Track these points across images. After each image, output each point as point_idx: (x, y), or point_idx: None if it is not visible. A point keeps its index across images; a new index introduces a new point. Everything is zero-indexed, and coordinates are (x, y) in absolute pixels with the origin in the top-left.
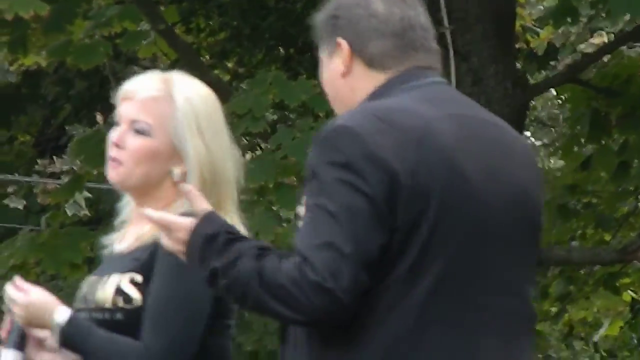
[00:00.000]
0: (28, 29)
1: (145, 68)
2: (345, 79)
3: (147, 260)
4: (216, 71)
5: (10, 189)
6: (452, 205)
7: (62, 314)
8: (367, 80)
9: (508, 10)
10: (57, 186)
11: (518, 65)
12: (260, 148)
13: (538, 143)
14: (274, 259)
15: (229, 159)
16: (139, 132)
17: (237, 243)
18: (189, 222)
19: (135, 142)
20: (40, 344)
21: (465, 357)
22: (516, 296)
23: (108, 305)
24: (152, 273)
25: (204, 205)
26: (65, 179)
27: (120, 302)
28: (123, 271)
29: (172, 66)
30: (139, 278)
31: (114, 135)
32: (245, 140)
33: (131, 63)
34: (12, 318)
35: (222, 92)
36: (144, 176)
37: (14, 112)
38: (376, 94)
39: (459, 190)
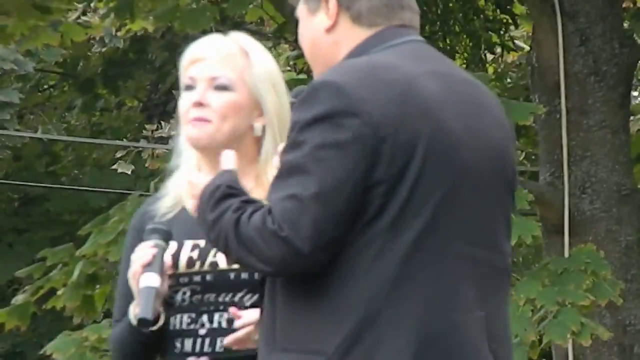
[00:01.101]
0: None
1: (252, 32)
2: (329, 34)
3: None
4: None
5: (118, 154)
6: (435, 160)
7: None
8: (352, 36)
9: None
10: (166, 150)
11: (625, 24)
12: None
13: None
14: (249, 211)
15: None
16: (222, 87)
17: (230, 198)
18: (205, 179)
19: (220, 98)
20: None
21: (444, 305)
22: (495, 250)
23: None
24: None
25: (230, 165)
26: (173, 144)
27: None
28: None
29: (278, 30)
30: None
31: (194, 95)
32: None
33: (237, 27)
34: (158, 247)
35: None
36: (231, 132)
37: (122, 78)
38: (357, 52)
39: (441, 145)
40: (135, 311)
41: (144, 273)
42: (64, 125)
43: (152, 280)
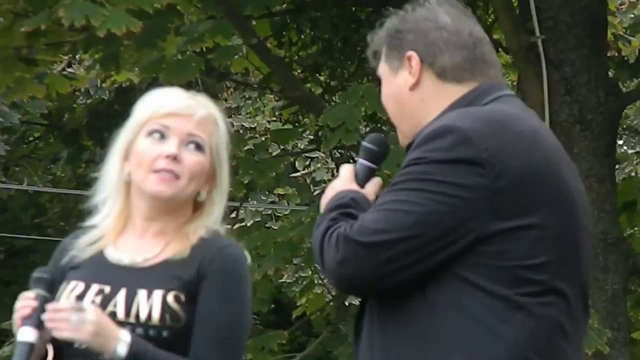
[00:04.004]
0: (120, 46)
1: (237, 83)
2: (413, 92)
3: (191, 281)
4: (308, 85)
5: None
6: (557, 214)
7: (125, 333)
8: (439, 93)
9: (599, 19)
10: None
11: (610, 73)
12: (354, 161)
13: (630, 152)
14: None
15: None
16: (197, 147)
17: (340, 208)
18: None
19: (193, 158)
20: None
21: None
22: (586, 306)
23: (155, 322)
24: (198, 292)
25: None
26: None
27: (168, 321)
28: (164, 287)
29: (264, 80)
30: (182, 297)
31: (168, 147)
32: (338, 153)
33: (223, 78)
34: (39, 298)
35: (315, 105)
36: (191, 193)
37: (107, 129)
38: (466, 102)
39: (563, 200)
40: None
41: (22, 326)
42: (49, 177)
43: (28, 334)
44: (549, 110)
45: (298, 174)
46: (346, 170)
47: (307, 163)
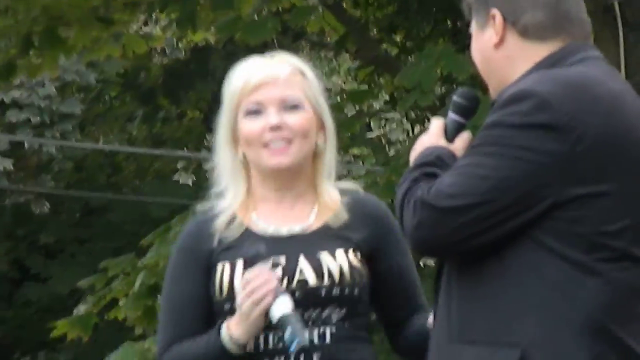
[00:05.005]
0: (197, 6)
1: (313, 43)
2: (498, 50)
3: (362, 239)
4: (384, 45)
5: (179, 165)
6: (635, 182)
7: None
8: (523, 51)
9: None
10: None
11: None
12: (430, 121)
13: None
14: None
15: None
16: (295, 107)
17: (429, 167)
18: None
19: (296, 118)
20: None
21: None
22: None
23: (348, 281)
24: (378, 249)
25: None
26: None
27: (357, 278)
28: (343, 247)
29: (340, 40)
30: (359, 255)
31: (270, 118)
32: (413, 114)
33: (299, 38)
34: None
35: (391, 66)
36: (309, 150)
37: (183, 88)
38: (551, 62)
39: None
40: (286, 336)
41: (277, 298)
42: (125, 136)
43: (289, 304)
44: (625, 73)
45: (373, 134)
46: (436, 124)
47: (383, 123)
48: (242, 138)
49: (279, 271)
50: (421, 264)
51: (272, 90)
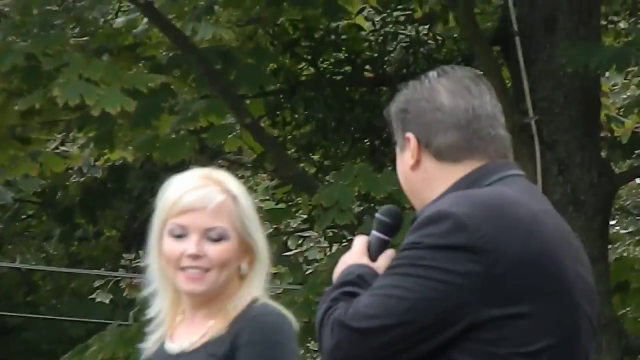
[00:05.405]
0: (115, 125)
1: (231, 162)
2: (415, 172)
3: (226, 355)
4: (302, 164)
5: (96, 284)
6: (554, 303)
7: None
8: (439, 172)
9: (593, 99)
10: (144, 280)
11: (602, 154)
12: (347, 240)
13: (623, 232)
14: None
15: None
16: (219, 238)
17: (344, 286)
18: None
19: (217, 249)
20: None
21: None
22: None
23: None
24: None
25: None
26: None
27: None
28: None
29: (257, 159)
30: None
31: (189, 246)
32: (331, 233)
33: (216, 157)
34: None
35: (309, 185)
36: (227, 277)
37: (100, 207)
38: (468, 183)
39: (560, 287)
40: None
41: None
42: (42, 254)
43: None
44: (542, 191)
45: (291, 253)
46: (359, 241)
47: (300, 242)
48: (163, 255)
49: None
50: None
51: (199, 218)
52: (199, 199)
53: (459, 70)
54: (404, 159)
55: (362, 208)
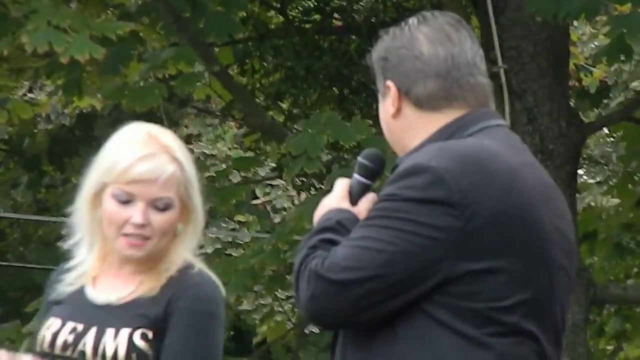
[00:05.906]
0: (83, 72)
1: (199, 110)
2: (396, 120)
3: (159, 317)
4: (271, 112)
5: (64, 231)
6: (529, 257)
7: None
8: (419, 121)
9: (562, 49)
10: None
11: (571, 103)
12: (315, 188)
13: (591, 181)
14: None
15: None
16: (165, 208)
17: (323, 232)
18: (331, 203)
19: (162, 219)
20: None
21: None
22: (557, 346)
23: None
24: (166, 329)
25: (346, 203)
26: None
27: (135, 359)
28: (132, 326)
29: (226, 107)
30: (150, 334)
31: (135, 214)
32: (299, 181)
33: (185, 105)
34: None
35: (277, 133)
36: (166, 242)
37: (68, 155)
38: (449, 133)
39: (537, 242)
40: None
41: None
42: (9, 202)
43: None
44: None
45: (259, 201)
46: (340, 185)
47: (268, 190)
48: (104, 214)
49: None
50: (306, 331)
51: (148, 189)
52: (151, 170)
53: (440, 16)
54: (385, 107)
55: (330, 157)
